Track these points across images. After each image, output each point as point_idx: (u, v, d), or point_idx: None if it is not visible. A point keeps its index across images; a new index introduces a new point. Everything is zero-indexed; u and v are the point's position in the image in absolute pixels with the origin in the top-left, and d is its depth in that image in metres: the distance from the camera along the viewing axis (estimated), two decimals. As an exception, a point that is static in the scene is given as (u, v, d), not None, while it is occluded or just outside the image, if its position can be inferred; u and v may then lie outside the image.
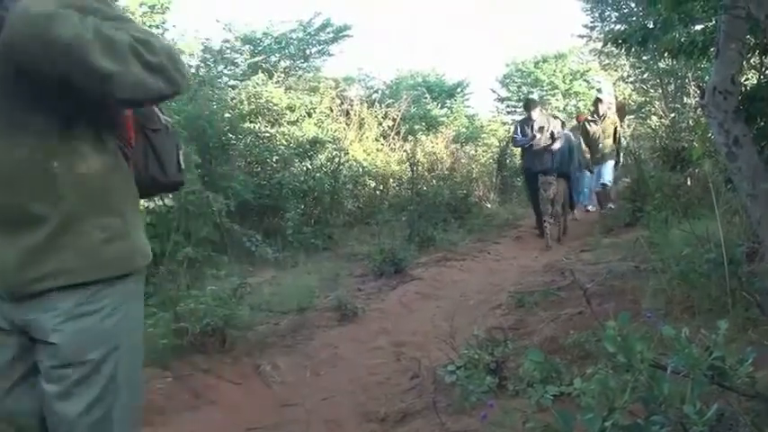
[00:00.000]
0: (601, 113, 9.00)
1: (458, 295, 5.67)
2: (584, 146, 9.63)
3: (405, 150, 11.11)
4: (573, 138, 9.46)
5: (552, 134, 8.44)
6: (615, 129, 9.10)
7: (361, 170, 10.18)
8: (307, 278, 6.15)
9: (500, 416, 2.58)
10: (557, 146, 8.39)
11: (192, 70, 10.10)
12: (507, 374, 3.03)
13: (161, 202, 5.80)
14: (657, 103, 11.77)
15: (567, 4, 21.14)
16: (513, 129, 9.82)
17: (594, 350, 2.66)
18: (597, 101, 9.18)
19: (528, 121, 8.62)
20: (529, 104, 9.03)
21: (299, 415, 3.46)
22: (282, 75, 11.93)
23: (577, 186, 10.05)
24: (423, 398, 3.36)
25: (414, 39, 44.41)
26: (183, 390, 3.63)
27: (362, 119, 11.68)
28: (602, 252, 6.22)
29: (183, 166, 1.84)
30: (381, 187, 10.65)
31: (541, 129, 8.40)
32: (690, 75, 9.50)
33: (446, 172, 10.69)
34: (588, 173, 9.98)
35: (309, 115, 10.73)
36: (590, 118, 9.24)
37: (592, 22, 13.04)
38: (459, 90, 18.89)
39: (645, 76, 12.80)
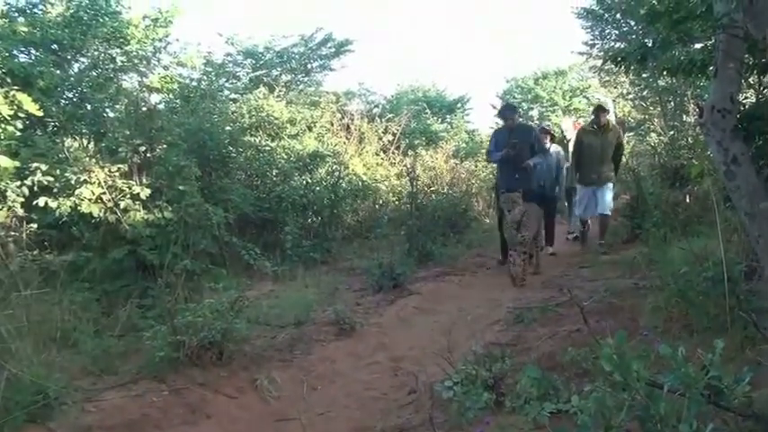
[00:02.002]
0: (602, 123, 7.47)
1: (456, 310, 5.65)
2: (569, 161, 8.20)
3: (404, 165, 11.13)
4: (562, 154, 8.49)
5: (532, 146, 7.00)
6: (619, 144, 7.62)
7: (360, 184, 10.20)
8: (305, 292, 6.15)
9: (497, 433, 2.57)
10: (534, 161, 6.94)
11: (194, 83, 10.16)
12: (505, 391, 3.02)
13: (160, 215, 5.81)
14: (657, 120, 11.82)
15: (563, 3, 20.91)
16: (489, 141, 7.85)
17: (592, 368, 2.65)
18: (599, 109, 7.63)
19: (505, 132, 7.14)
20: (504, 112, 7.38)
21: (295, 429, 3.44)
22: (284, 89, 12.01)
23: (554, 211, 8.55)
24: (419, 413, 3.35)
25: (415, 41, 44.70)
26: (178, 403, 3.62)
27: (362, 133, 11.76)
28: (601, 269, 6.23)
29: None
30: (380, 201, 10.66)
31: (515, 144, 6.80)
32: (689, 93, 9.49)
33: (445, 187, 10.69)
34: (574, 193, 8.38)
35: (310, 129, 10.80)
36: (588, 128, 7.70)
37: (592, 40, 13.13)
38: (459, 105, 18.97)
39: (644, 93, 12.86)
